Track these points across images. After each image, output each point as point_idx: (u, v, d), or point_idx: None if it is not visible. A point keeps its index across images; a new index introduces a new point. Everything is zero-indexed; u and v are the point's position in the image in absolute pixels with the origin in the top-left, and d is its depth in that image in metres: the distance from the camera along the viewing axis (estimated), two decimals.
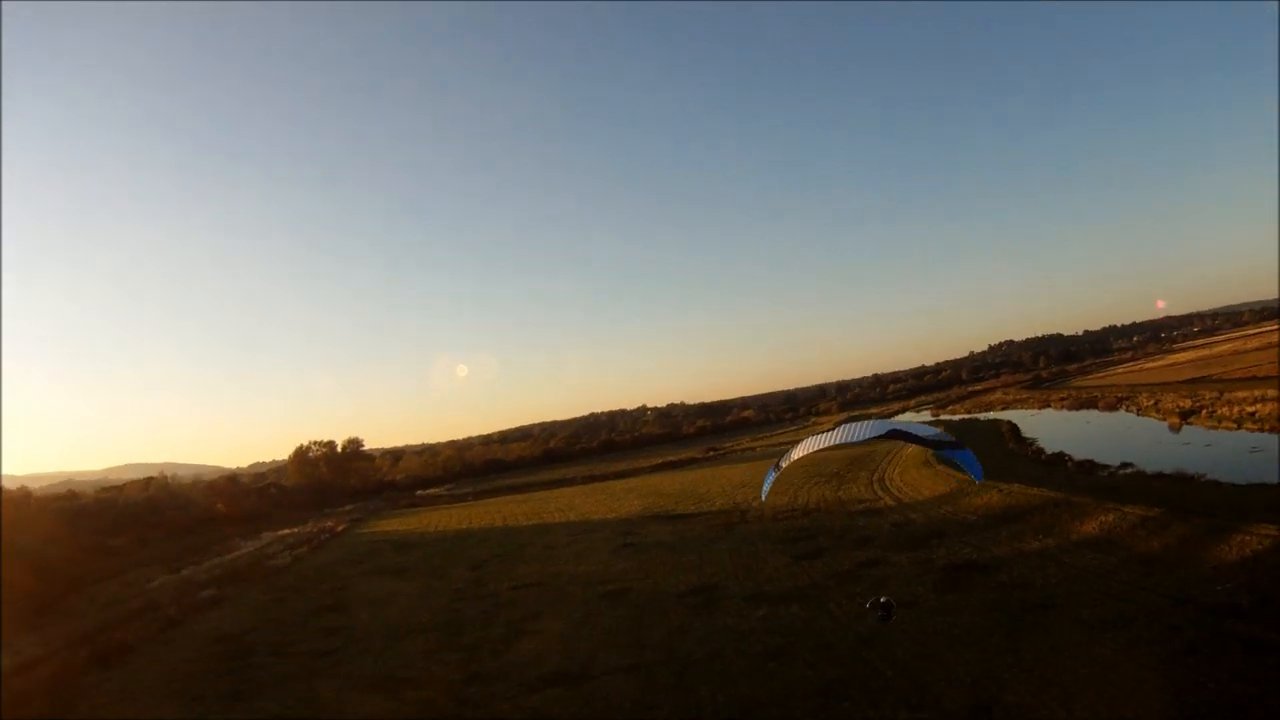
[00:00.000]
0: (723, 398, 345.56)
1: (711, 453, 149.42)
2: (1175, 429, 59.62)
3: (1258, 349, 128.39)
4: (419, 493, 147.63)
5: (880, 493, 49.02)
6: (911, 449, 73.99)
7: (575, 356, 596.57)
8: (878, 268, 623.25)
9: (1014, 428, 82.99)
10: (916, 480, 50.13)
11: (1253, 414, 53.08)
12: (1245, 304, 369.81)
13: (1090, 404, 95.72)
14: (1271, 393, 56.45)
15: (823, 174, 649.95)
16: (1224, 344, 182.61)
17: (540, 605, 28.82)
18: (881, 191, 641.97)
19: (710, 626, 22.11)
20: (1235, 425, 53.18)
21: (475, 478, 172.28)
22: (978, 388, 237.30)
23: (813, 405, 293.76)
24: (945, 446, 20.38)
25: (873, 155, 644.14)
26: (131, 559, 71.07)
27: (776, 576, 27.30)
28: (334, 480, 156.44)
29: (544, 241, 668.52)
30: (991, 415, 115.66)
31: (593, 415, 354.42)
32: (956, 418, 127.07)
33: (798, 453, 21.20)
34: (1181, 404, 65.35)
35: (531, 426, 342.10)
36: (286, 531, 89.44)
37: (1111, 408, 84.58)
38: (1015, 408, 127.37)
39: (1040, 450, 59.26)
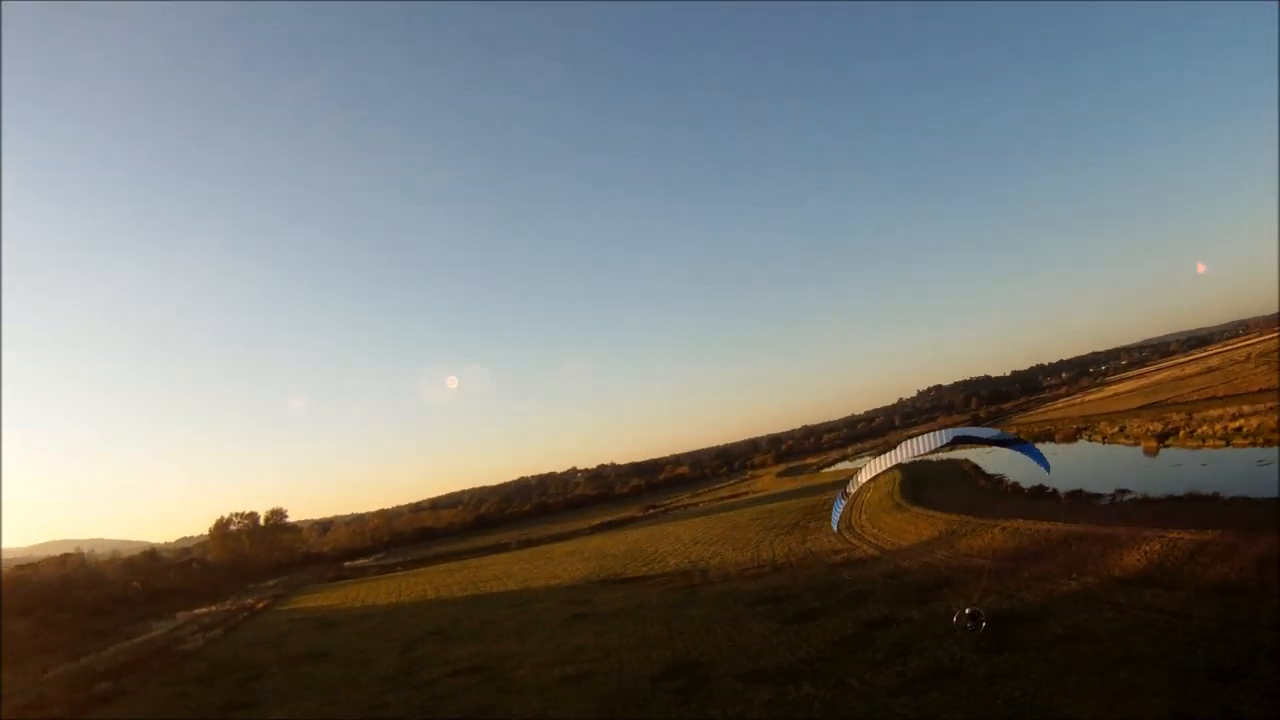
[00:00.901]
0: (654, 456, 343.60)
1: (651, 510, 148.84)
2: (1152, 452, 57.87)
3: (1199, 373, 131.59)
4: (346, 564, 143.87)
5: (855, 541, 45.46)
6: (873, 493, 70.96)
7: (501, 421, 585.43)
8: (803, 320, 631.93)
9: (975, 466, 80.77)
10: (894, 525, 46.74)
11: (1239, 429, 51.86)
12: (1170, 335, 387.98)
13: (1046, 437, 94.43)
14: (1248, 408, 55.67)
15: (744, 228, 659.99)
16: (1159, 373, 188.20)
17: (486, 696, 23.44)
18: (807, 242, 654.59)
19: (705, 718, 17.48)
20: (1223, 442, 51.67)
21: (405, 547, 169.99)
22: (914, 432, 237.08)
23: (747, 459, 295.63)
24: (1012, 444, 21.22)
25: (795, 207, 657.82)
26: (32, 644, 62.81)
27: (769, 647, 22.73)
28: (257, 554, 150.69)
29: (466, 305, 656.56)
30: (943, 456, 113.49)
31: (523, 479, 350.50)
32: (908, 459, 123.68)
33: (865, 476, 21.27)
34: (1151, 427, 64.07)
35: (461, 493, 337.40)
36: (203, 610, 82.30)
37: (1070, 439, 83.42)
38: (963, 447, 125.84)
39: (1015, 484, 56.20)
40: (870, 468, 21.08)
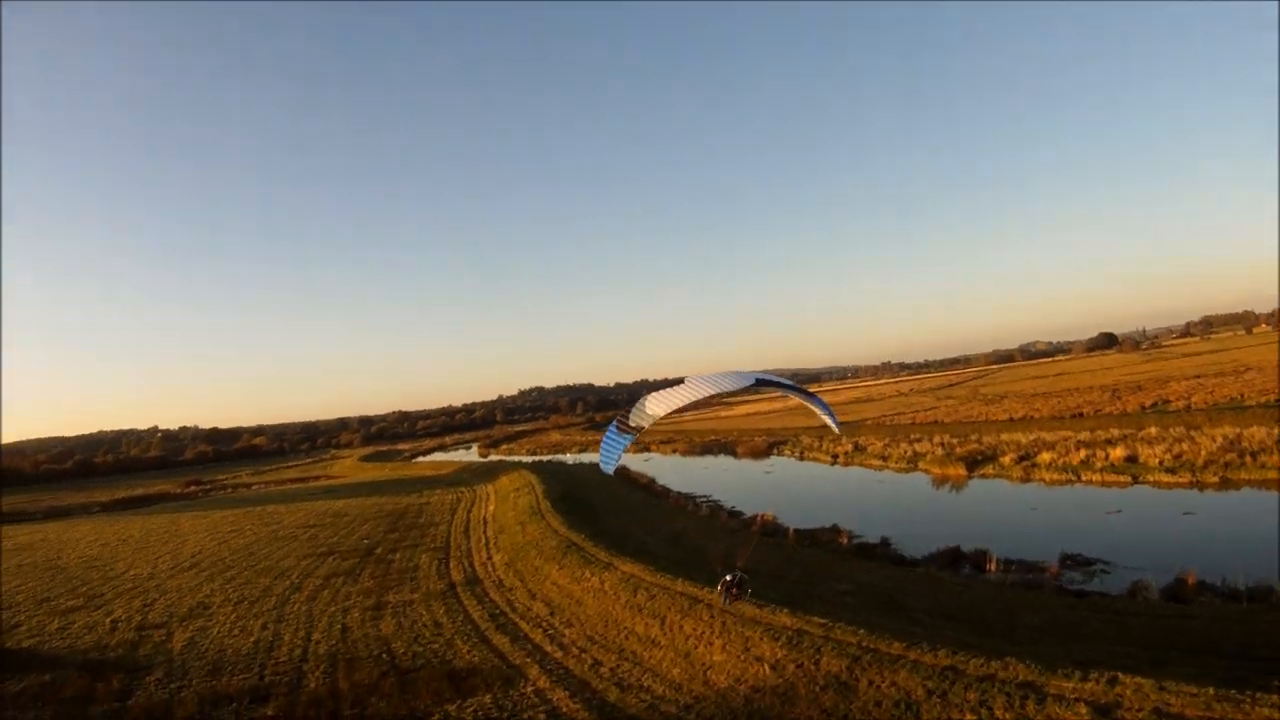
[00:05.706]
0: (238, 425, 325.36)
1: (194, 487, 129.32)
2: (959, 482, 50.59)
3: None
4: None
5: (513, 648, 23.21)
6: (506, 505, 51.51)
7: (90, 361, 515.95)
8: (406, 313, 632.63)
9: (651, 479, 64.31)
10: (596, 605, 25.87)
11: (1129, 457, 46.45)
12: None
13: (724, 449, 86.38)
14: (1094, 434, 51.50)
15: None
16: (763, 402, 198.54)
17: None
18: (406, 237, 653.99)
19: None
20: (1130, 478, 43.90)
21: None
22: (525, 427, 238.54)
23: (333, 437, 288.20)
24: (809, 396, 17.77)
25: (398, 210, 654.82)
26: None
27: None
28: None
29: None
30: (582, 459, 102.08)
31: (101, 433, 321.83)
32: (529, 458, 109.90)
33: (658, 407, 15.32)
34: (914, 449, 57.65)
35: (25, 443, 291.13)
36: None
37: (759, 454, 75.32)
38: (595, 450, 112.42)
39: (849, 535, 37.48)
40: (665, 399, 15.01)
